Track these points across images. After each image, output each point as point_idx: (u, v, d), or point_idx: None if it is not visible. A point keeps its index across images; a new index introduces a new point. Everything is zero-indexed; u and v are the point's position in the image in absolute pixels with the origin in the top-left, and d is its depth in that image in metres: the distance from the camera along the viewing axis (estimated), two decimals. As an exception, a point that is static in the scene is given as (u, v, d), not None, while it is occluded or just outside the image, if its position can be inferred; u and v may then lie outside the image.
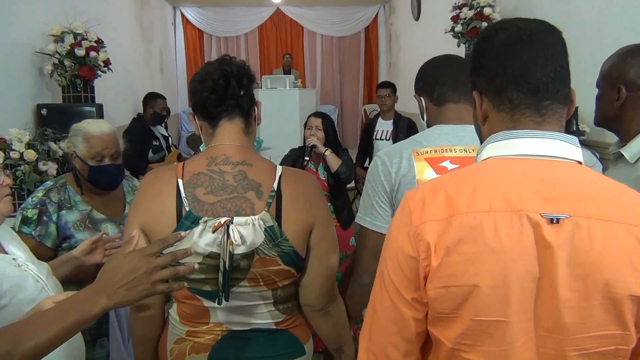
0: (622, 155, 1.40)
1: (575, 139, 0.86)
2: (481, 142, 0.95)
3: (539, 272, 0.77)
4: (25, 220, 1.82)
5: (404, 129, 4.27)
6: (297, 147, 3.44)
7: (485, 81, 0.90)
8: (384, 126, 4.45)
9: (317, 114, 3.40)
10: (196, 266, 1.04)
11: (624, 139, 1.42)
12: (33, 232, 1.81)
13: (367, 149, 4.54)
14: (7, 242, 1.36)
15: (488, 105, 0.91)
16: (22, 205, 1.87)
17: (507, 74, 0.86)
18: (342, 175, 3.19)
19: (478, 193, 0.81)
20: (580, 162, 0.84)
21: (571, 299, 0.76)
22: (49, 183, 1.94)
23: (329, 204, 3.19)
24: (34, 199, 1.87)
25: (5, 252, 1.33)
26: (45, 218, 1.83)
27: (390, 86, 4.49)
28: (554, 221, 0.77)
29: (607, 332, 0.77)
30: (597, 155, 2.33)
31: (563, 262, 0.76)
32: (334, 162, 3.17)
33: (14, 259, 1.31)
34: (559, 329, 0.78)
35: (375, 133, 4.47)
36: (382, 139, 4.40)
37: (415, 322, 0.87)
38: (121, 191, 2.03)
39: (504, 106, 0.88)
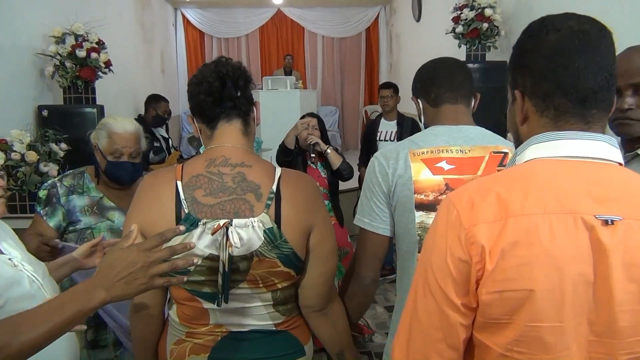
0: (638, 155, 1.37)
1: (615, 140, 0.84)
2: (516, 142, 0.93)
3: (593, 275, 0.76)
4: (38, 200, 1.96)
5: (408, 129, 4.24)
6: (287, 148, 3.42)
7: (531, 83, 0.87)
8: (388, 127, 4.43)
9: (312, 114, 3.46)
10: (195, 260, 1.04)
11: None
12: (41, 211, 1.93)
13: (369, 150, 4.50)
14: (2, 241, 1.34)
15: (530, 107, 0.88)
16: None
17: (556, 81, 0.84)
18: (344, 172, 3.25)
19: (531, 195, 0.79)
20: (621, 164, 0.84)
21: (626, 302, 0.75)
22: (70, 171, 2.07)
23: (327, 202, 3.24)
24: (48, 182, 2.01)
25: (1, 252, 1.32)
26: (54, 200, 1.93)
27: (392, 87, 4.48)
28: (609, 223, 0.76)
29: None
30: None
31: (618, 264, 0.75)
32: (336, 159, 3.23)
33: (9, 258, 1.30)
34: (612, 333, 0.77)
35: (378, 134, 4.44)
36: (387, 140, 4.37)
37: (463, 328, 0.84)
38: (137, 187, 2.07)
39: (549, 112, 0.85)
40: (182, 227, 1.05)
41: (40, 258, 1.59)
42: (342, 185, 3.53)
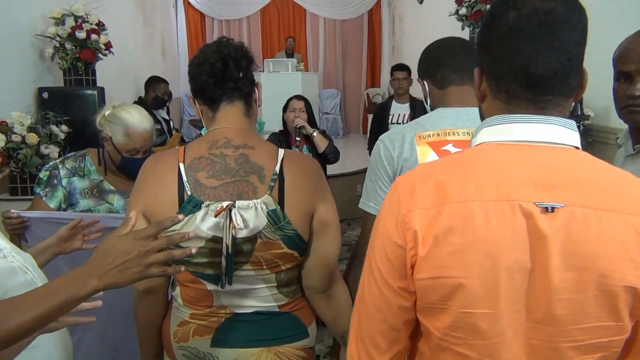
0: None
1: (573, 123, 0.82)
2: (482, 119, 0.91)
3: (531, 263, 0.75)
4: (38, 181, 1.94)
5: (421, 112, 4.16)
6: (276, 131, 3.45)
7: (487, 63, 0.85)
8: (400, 110, 4.35)
9: (299, 97, 3.47)
10: (193, 250, 1.02)
11: None
12: (41, 192, 1.91)
13: (379, 133, 4.42)
14: None
15: (486, 87, 0.87)
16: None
17: (507, 64, 0.81)
18: (330, 155, 3.27)
19: (469, 181, 0.78)
20: (578, 148, 0.81)
21: (564, 290, 0.74)
22: (71, 153, 2.04)
23: None
24: (50, 163, 2.00)
25: None
26: (55, 181, 1.92)
27: (406, 69, 4.38)
28: (549, 210, 0.74)
29: (601, 323, 0.76)
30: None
31: (556, 252, 0.74)
32: (322, 142, 3.25)
33: None
34: (550, 321, 0.76)
35: (390, 117, 4.35)
36: (400, 123, 4.28)
37: (402, 310, 0.85)
38: None
39: (501, 95, 0.83)
40: (180, 216, 1.04)
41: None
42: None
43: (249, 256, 1.21)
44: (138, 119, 1.89)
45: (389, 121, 4.35)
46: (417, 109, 4.21)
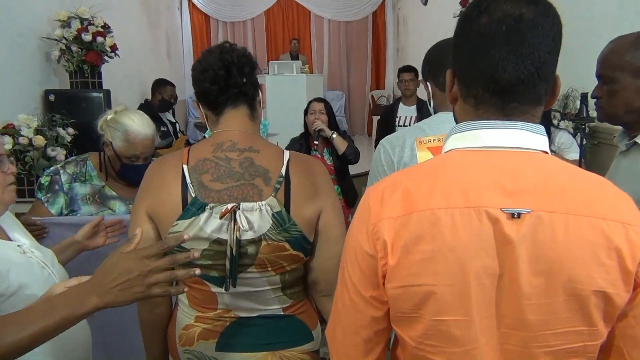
0: (636, 143, 1.37)
1: (541, 127, 0.81)
2: (455, 121, 0.91)
3: (499, 268, 0.75)
4: (40, 186, 1.92)
5: (428, 115, 4.14)
6: (297, 136, 3.47)
7: (459, 67, 0.85)
8: (407, 112, 4.31)
9: (319, 99, 3.49)
10: (197, 272, 1.01)
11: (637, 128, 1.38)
12: (42, 198, 1.90)
13: (386, 135, 4.37)
14: (11, 229, 1.34)
15: (457, 90, 0.87)
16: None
17: (476, 68, 0.80)
18: (350, 157, 3.28)
19: (437, 189, 0.78)
20: (546, 152, 0.81)
21: (533, 295, 0.74)
22: (72, 157, 2.03)
23: (336, 186, 3.29)
24: (51, 168, 1.97)
25: (10, 240, 1.32)
26: (56, 187, 1.91)
27: (413, 70, 4.34)
28: (515, 216, 0.74)
29: (573, 328, 0.75)
30: (573, 135, 2.34)
31: (524, 257, 0.73)
32: (341, 144, 3.27)
33: (18, 245, 1.30)
34: (522, 326, 0.76)
35: (397, 119, 4.32)
36: (406, 125, 4.25)
37: (374, 321, 0.84)
38: None
39: (469, 99, 0.83)
40: (186, 236, 1.04)
41: None
42: (356, 169, 3.55)
43: (253, 258, 1.21)
44: (139, 125, 1.87)
45: (396, 123, 4.31)
46: (424, 111, 4.16)
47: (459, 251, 0.75)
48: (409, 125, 4.23)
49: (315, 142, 3.28)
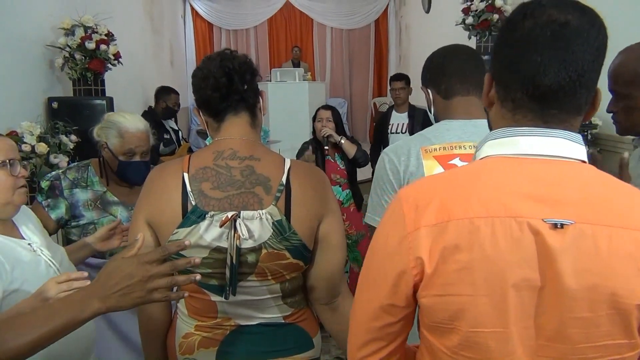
0: None
1: (579, 136, 0.80)
2: (489, 126, 0.89)
3: (540, 280, 0.73)
4: (40, 190, 1.92)
5: (420, 121, 4.19)
6: (307, 140, 3.54)
7: (497, 70, 0.84)
8: (399, 119, 4.36)
9: (326, 107, 3.58)
10: (198, 277, 1.02)
11: None
12: (43, 202, 1.90)
13: (381, 144, 4.46)
14: (24, 226, 1.38)
15: (494, 94, 0.85)
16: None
17: (516, 72, 0.79)
18: (360, 160, 3.37)
19: (475, 197, 0.76)
20: (584, 162, 0.79)
21: (576, 309, 0.72)
22: (74, 163, 2.04)
23: (347, 190, 3.39)
24: (52, 173, 1.97)
25: (21, 237, 1.35)
26: (56, 192, 1.90)
27: (404, 78, 4.41)
28: (558, 226, 0.72)
29: (613, 341, 0.74)
30: (586, 147, 2.32)
31: (568, 270, 0.72)
32: (351, 148, 3.34)
33: (29, 244, 1.33)
34: (561, 339, 0.74)
35: (390, 127, 4.37)
36: (398, 133, 4.31)
37: (391, 326, 0.84)
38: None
39: (507, 103, 0.82)
40: (187, 242, 1.04)
41: None
42: (358, 177, 3.61)
43: (253, 267, 1.21)
44: (131, 120, 1.90)
45: (389, 131, 4.37)
46: (416, 118, 4.25)
47: (498, 262, 0.73)
48: (400, 132, 4.31)
49: (326, 147, 3.37)
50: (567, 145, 0.78)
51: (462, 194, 0.78)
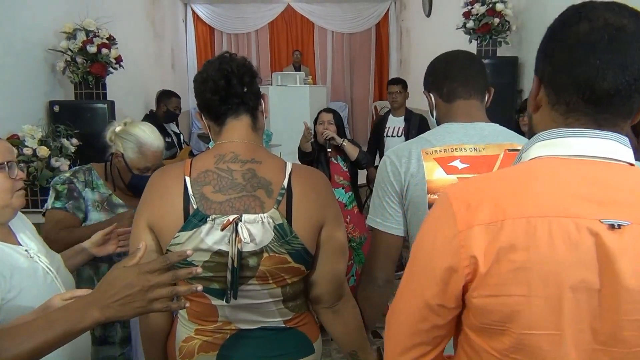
0: None
1: (626, 139, 0.80)
2: (529, 129, 0.89)
3: (599, 282, 0.72)
4: (57, 196, 1.91)
5: (416, 125, 4.23)
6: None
7: (549, 72, 0.82)
8: (395, 123, 4.41)
9: (328, 110, 3.59)
10: (199, 287, 1.01)
11: None
12: (67, 205, 1.90)
13: (377, 147, 4.50)
14: (21, 233, 1.37)
15: (544, 96, 0.84)
16: (52, 183, 1.97)
17: (572, 75, 0.78)
18: (363, 161, 3.40)
19: (531, 196, 0.75)
20: (632, 164, 0.79)
21: (633, 311, 0.71)
22: (76, 167, 2.05)
23: (350, 192, 3.40)
24: (61, 177, 1.96)
25: (18, 243, 1.34)
26: (75, 194, 1.92)
27: (401, 82, 4.45)
28: (615, 227, 0.71)
29: None
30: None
31: (625, 272, 0.70)
32: (353, 150, 3.36)
33: (26, 250, 1.32)
34: (616, 342, 0.73)
35: (386, 130, 4.42)
36: (394, 136, 4.36)
37: (437, 327, 0.83)
38: None
39: (559, 106, 0.81)
40: (189, 252, 1.03)
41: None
42: (358, 180, 3.63)
43: (254, 270, 1.21)
44: (151, 137, 1.91)
45: (385, 134, 4.40)
46: (412, 122, 4.28)
47: (555, 263, 0.72)
48: (396, 135, 4.34)
49: (329, 150, 3.39)
50: (618, 148, 0.78)
51: (517, 193, 0.77)
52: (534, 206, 0.75)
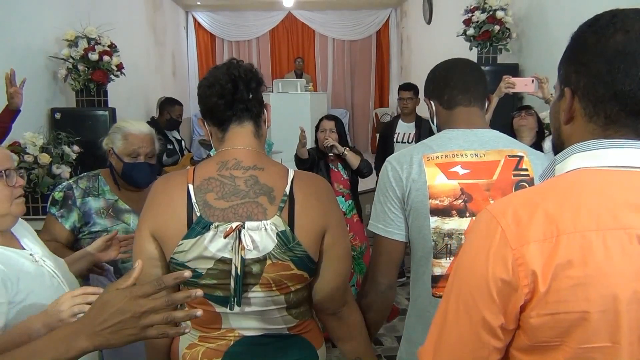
0: None
1: None
2: (556, 141, 0.88)
3: None
4: (53, 202, 1.95)
5: (427, 131, 4.16)
6: (309, 149, 3.53)
7: (585, 84, 0.80)
8: (405, 129, 4.33)
9: (329, 117, 3.54)
10: (199, 313, 0.95)
11: None
12: (56, 213, 1.93)
13: (386, 153, 4.43)
14: (24, 238, 1.37)
15: (579, 109, 0.82)
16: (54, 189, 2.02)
17: (613, 87, 0.76)
18: (364, 170, 3.37)
19: (582, 209, 0.74)
20: None
21: None
22: (85, 173, 2.07)
23: (350, 201, 3.36)
24: (63, 183, 2.01)
25: (22, 248, 1.34)
26: (69, 202, 1.94)
27: (412, 88, 4.35)
28: None
29: None
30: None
31: None
32: (354, 159, 3.34)
33: (30, 254, 1.32)
34: None
35: (395, 136, 4.34)
36: (404, 142, 4.28)
37: (497, 352, 0.81)
38: None
39: (598, 118, 0.79)
40: (187, 273, 0.96)
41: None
42: (360, 187, 3.61)
43: (258, 277, 1.21)
44: (134, 124, 1.98)
45: (394, 140, 4.34)
46: (423, 129, 4.20)
47: (613, 276, 0.71)
48: (407, 141, 4.27)
49: (330, 155, 3.37)
50: None
51: (568, 206, 0.76)
52: (587, 220, 0.74)
